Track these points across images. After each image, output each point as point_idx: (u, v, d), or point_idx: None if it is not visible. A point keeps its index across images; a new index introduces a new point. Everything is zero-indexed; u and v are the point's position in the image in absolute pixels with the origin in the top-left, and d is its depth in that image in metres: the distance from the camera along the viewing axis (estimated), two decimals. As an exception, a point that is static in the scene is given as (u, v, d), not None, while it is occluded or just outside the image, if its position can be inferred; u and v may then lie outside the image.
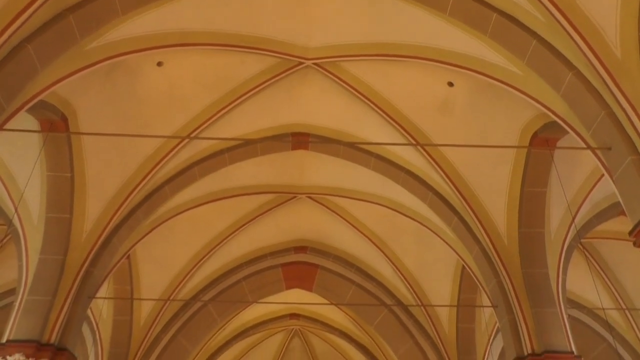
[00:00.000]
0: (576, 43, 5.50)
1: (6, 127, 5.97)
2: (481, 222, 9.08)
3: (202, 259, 12.15)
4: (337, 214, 12.09)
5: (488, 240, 8.96)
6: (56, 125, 7.73)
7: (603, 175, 7.23)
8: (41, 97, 6.44)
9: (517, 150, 8.46)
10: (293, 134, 10.01)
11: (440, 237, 10.41)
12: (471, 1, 6.57)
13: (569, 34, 5.50)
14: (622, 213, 9.27)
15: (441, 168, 9.20)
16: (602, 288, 12.14)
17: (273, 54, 8.34)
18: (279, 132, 9.95)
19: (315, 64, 8.57)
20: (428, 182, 9.69)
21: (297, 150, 10.24)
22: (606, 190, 8.70)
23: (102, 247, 8.94)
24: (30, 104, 6.27)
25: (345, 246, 13.03)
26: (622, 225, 10.73)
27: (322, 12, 7.84)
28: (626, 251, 11.66)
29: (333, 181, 11.24)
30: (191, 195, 10.39)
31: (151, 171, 9.10)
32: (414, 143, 9.07)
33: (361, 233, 12.25)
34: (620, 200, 5.65)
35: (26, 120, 7.44)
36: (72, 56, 6.49)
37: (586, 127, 5.98)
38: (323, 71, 8.69)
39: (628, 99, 5.25)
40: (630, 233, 5.40)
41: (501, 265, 8.77)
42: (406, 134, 9.06)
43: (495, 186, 8.90)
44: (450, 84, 8.33)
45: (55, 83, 6.51)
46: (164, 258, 11.90)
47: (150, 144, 9.00)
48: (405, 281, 12.40)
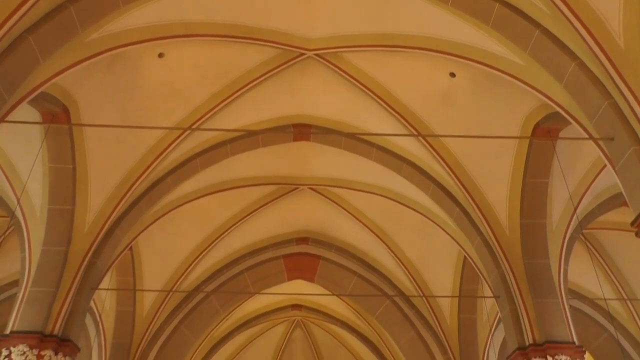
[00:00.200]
0: (579, 33, 5.46)
1: (8, 119, 5.97)
2: (483, 213, 9.08)
3: (205, 251, 12.18)
4: (339, 205, 12.10)
5: (490, 231, 8.97)
6: (58, 116, 7.73)
7: (605, 165, 7.24)
8: (43, 89, 6.44)
9: (519, 141, 8.44)
10: (294, 125, 10.00)
11: (441, 228, 10.42)
12: (473, -9, 6.54)
13: (572, 24, 5.46)
14: (624, 204, 9.28)
15: (443, 159, 9.19)
16: (604, 278, 12.16)
17: (274, 45, 8.31)
18: (281, 124, 9.94)
19: (316, 55, 8.54)
20: (430, 173, 9.69)
21: (299, 141, 10.23)
22: (608, 180, 8.68)
23: (105, 239, 8.97)
24: (31, 96, 6.27)
25: (347, 237, 13.05)
26: (624, 215, 10.72)
27: (324, 3, 7.81)
28: (628, 242, 11.66)
29: (335, 172, 11.24)
30: (193, 186, 10.40)
31: (153, 163, 9.11)
32: (416, 134, 9.06)
33: (363, 224, 12.27)
34: (622, 190, 5.64)
35: (28, 112, 7.44)
36: (73, 47, 6.48)
37: (589, 118, 5.96)
38: (324, 62, 8.66)
39: (631, 89, 5.23)
40: (632, 223, 5.40)
41: (503, 256, 8.78)
42: (408, 125, 9.05)
43: (497, 177, 8.89)
44: (452, 75, 8.30)
45: (56, 74, 6.50)
46: (167, 249, 11.94)
47: (152, 136, 9.00)
48: (406, 272, 12.43)
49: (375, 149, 9.98)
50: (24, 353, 7.69)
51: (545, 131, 7.94)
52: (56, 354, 8.00)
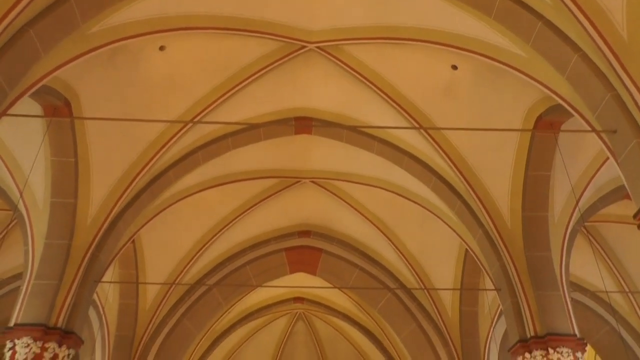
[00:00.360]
0: (582, 24, 5.43)
1: (10, 113, 5.96)
2: (485, 206, 9.08)
3: (207, 244, 12.22)
4: (341, 198, 12.10)
5: (491, 223, 8.97)
6: (59, 110, 7.73)
7: (608, 158, 7.21)
8: (44, 82, 6.43)
9: (521, 133, 8.42)
10: (296, 118, 9.98)
11: (443, 221, 10.42)
12: (476, -17, 6.51)
13: (575, 16, 5.43)
14: (627, 196, 9.27)
15: (445, 152, 9.18)
16: (606, 271, 12.16)
17: (276, 38, 8.28)
18: (282, 117, 9.92)
19: (318, 48, 8.51)
20: (431, 166, 9.68)
21: (301, 134, 10.22)
22: (610, 173, 8.67)
23: (107, 232, 9.00)
24: (33, 89, 6.27)
25: (348, 230, 13.07)
26: (626, 208, 10.70)
27: (325, -5, 7.78)
28: (630, 234, 11.66)
29: (336, 165, 11.23)
30: (195, 179, 10.41)
31: (155, 156, 9.11)
32: (418, 127, 9.04)
33: (364, 217, 12.28)
34: (625, 183, 5.63)
35: (30, 105, 7.45)
36: (75, 40, 6.47)
37: (591, 110, 5.94)
38: (326, 55, 8.63)
39: (634, 81, 5.21)
40: (634, 216, 5.40)
41: (504, 248, 8.79)
42: (409, 118, 9.03)
43: (499, 170, 8.88)
44: (454, 67, 8.27)
45: (58, 68, 6.49)
46: (169, 242, 11.97)
47: (153, 129, 9.00)
48: (408, 264, 12.45)
49: (376, 142, 9.97)
50: (28, 345, 7.73)
51: (547, 124, 7.92)
52: (60, 346, 8.05)
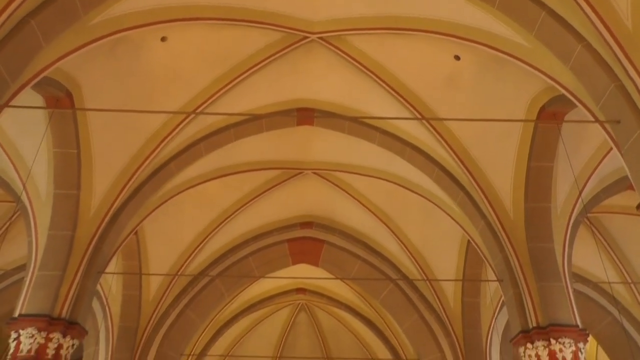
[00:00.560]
0: (586, 14, 5.38)
1: (12, 104, 5.96)
2: (487, 197, 9.07)
3: (209, 235, 12.25)
4: (343, 190, 12.10)
5: (494, 214, 8.97)
6: (61, 101, 7.72)
7: (611, 149, 7.18)
8: (46, 73, 6.41)
9: (524, 124, 8.39)
10: (298, 110, 9.96)
11: (445, 212, 10.42)
12: (479, -28, 6.46)
13: (579, 5, 5.38)
14: (630, 187, 9.25)
15: (447, 143, 9.15)
16: (608, 262, 12.16)
17: (278, 29, 8.24)
18: (284, 108, 9.90)
19: (320, 38, 8.47)
20: (434, 157, 9.66)
21: (303, 125, 10.20)
22: (614, 164, 8.63)
23: (110, 223, 9.02)
24: (35, 80, 6.25)
25: (350, 221, 13.08)
26: (629, 199, 10.69)
27: (327, -15, 7.73)
28: (633, 225, 11.65)
29: (338, 157, 11.22)
30: (197, 171, 10.42)
31: (157, 147, 9.12)
32: (420, 117, 9.01)
33: (367, 208, 12.28)
34: (628, 174, 5.60)
35: (31, 97, 7.44)
36: (76, 31, 6.44)
37: (595, 100, 5.90)
38: (328, 45, 8.59)
39: (639, 71, 5.16)
40: (637, 207, 5.41)
41: (507, 239, 8.79)
42: (412, 109, 9.00)
43: (501, 161, 8.86)
44: (457, 58, 8.22)
45: (59, 59, 6.47)
46: (172, 234, 12.01)
47: (155, 120, 9.00)
48: (410, 256, 12.46)
49: (379, 133, 9.95)
50: (33, 336, 7.78)
51: (550, 114, 7.89)
52: (64, 337, 8.10)
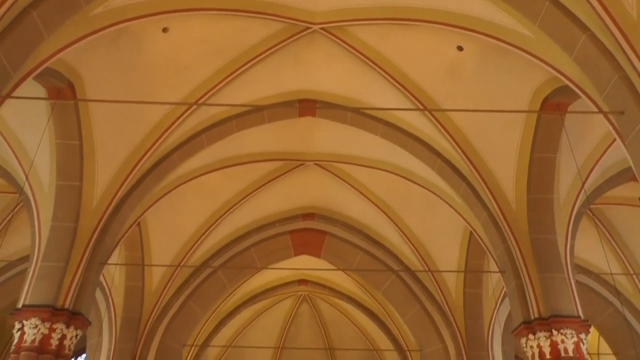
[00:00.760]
0: (590, 4, 5.34)
1: (14, 95, 5.95)
2: (489, 188, 9.06)
3: (211, 226, 12.26)
4: (345, 181, 12.09)
5: (496, 206, 8.96)
6: (63, 92, 7.72)
7: (615, 140, 7.15)
8: (47, 64, 6.40)
9: (527, 115, 8.36)
10: (300, 101, 9.94)
11: (447, 203, 10.42)
12: (483, -39, 6.41)
13: (583, -6, 5.35)
14: (633, 178, 9.23)
15: (449, 134, 9.13)
16: (611, 253, 12.15)
17: (279, 19, 8.20)
18: (286, 99, 9.88)
19: (322, 29, 8.43)
20: (436, 149, 9.64)
21: (305, 116, 10.17)
22: (617, 155, 8.61)
23: (113, 214, 9.04)
24: (37, 71, 6.25)
25: (352, 213, 13.08)
26: (632, 190, 10.68)
27: (329, -25, 7.69)
28: (636, 216, 11.64)
29: (340, 148, 11.20)
30: (199, 162, 10.42)
31: (159, 138, 9.11)
32: (422, 108, 8.98)
33: (369, 200, 12.27)
34: (631, 165, 5.58)
35: (34, 88, 7.43)
36: (77, 22, 6.43)
37: (599, 91, 5.87)
38: (330, 36, 8.55)
39: (643, 62, 5.14)
40: (640, 198, 5.37)
41: (509, 231, 8.78)
42: (414, 100, 8.97)
43: (504, 152, 8.83)
44: (459, 48, 8.18)
45: (61, 50, 6.46)
46: (174, 225, 12.02)
47: (157, 111, 8.98)
48: (412, 247, 12.47)
49: (381, 124, 9.92)
50: (36, 326, 7.83)
51: (554, 105, 7.85)
52: (67, 327, 8.15)
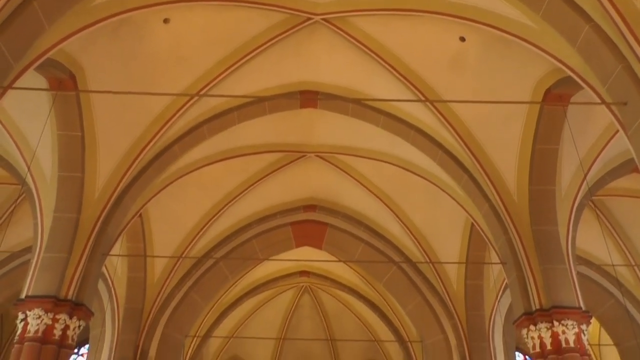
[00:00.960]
0: (594, -7, 5.32)
1: (15, 86, 5.94)
2: (491, 180, 9.05)
3: (213, 218, 12.28)
4: (346, 173, 12.09)
5: (498, 197, 8.96)
6: (65, 83, 7.71)
7: (617, 131, 7.13)
8: (49, 55, 6.39)
9: (530, 106, 8.34)
10: (301, 92, 9.91)
11: (449, 195, 10.41)
12: (485, -49, 6.36)
13: (587, -16, 5.32)
14: (635, 170, 9.22)
15: (451, 125, 9.11)
16: (612, 245, 12.15)
17: (281, 10, 8.17)
18: (288, 90, 9.85)
19: (323, 20, 8.39)
20: (438, 140, 9.63)
21: (306, 108, 10.15)
22: (620, 147, 8.59)
23: (115, 205, 9.06)
24: (38, 62, 6.23)
25: (354, 204, 13.08)
26: (634, 182, 10.67)
27: (331, -35, 7.64)
28: (637, 208, 11.63)
29: (342, 139, 11.19)
30: (201, 154, 10.41)
31: (161, 130, 9.11)
32: (424, 100, 8.95)
33: (370, 191, 12.28)
34: (634, 156, 5.56)
35: (35, 79, 7.42)
36: (78, 13, 6.40)
37: (602, 82, 5.84)
38: (332, 27, 8.52)
39: (646, 52, 5.11)
40: (643, 189, 5.36)
41: (510, 222, 8.79)
42: (416, 91, 8.94)
43: (506, 143, 8.82)
44: (462, 39, 8.14)
45: (62, 40, 6.44)
46: (176, 216, 12.04)
47: (159, 102, 8.97)
48: (413, 239, 12.49)
49: (383, 116, 9.90)
50: (40, 317, 7.86)
51: (556, 96, 7.82)
52: (71, 318, 8.19)
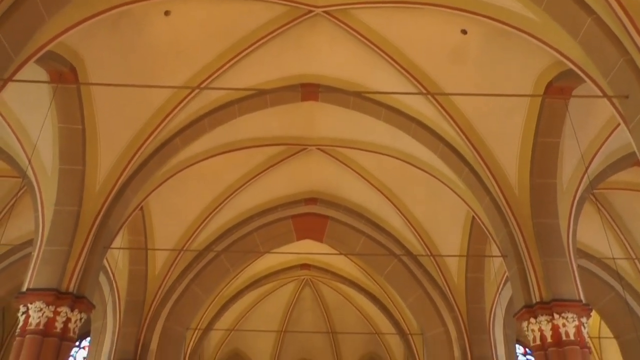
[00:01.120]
0: (597, -14, 5.30)
1: (15, 78, 5.93)
2: (492, 173, 9.04)
3: (214, 211, 12.29)
4: (347, 166, 12.08)
5: (499, 190, 8.95)
6: (65, 76, 7.69)
7: (619, 125, 7.12)
8: (49, 48, 6.37)
9: (531, 99, 8.31)
10: (302, 85, 9.89)
11: (450, 188, 10.41)
12: (487, -57, 6.32)
13: (590, -24, 5.29)
14: (636, 163, 9.20)
15: (453, 118, 9.09)
16: (613, 238, 12.16)
17: (282, 2, 8.14)
18: (289, 83, 9.82)
19: (325, 12, 8.36)
20: (439, 133, 9.61)
21: (307, 101, 10.13)
22: (621, 140, 8.57)
23: (116, 198, 9.06)
24: (38, 55, 6.22)
25: (355, 197, 13.08)
26: (635, 175, 10.65)
27: (332, -43, 7.60)
28: (638, 202, 11.62)
29: (343, 132, 11.17)
30: (202, 147, 10.41)
31: (162, 122, 9.10)
32: (425, 92, 8.93)
33: (371, 184, 12.28)
34: (635, 150, 5.56)
35: (36, 71, 7.40)
36: (79, 5, 6.38)
37: (603, 75, 5.83)
38: (333, 19, 8.48)
39: (649, 45, 5.09)
40: (644, 183, 5.35)
41: (511, 215, 8.79)
42: (417, 84, 8.92)
43: (507, 136, 8.80)
44: (463, 32, 8.11)
45: (62, 33, 6.42)
46: (177, 209, 12.06)
47: (159, 95, 8.95)
48: (414, 231, 12.50)
49: (384, 109, 9.88)
50: (41, 309, 7.89)
51: (558, 89, 7.80)
52: (72, 311, 8.21)
